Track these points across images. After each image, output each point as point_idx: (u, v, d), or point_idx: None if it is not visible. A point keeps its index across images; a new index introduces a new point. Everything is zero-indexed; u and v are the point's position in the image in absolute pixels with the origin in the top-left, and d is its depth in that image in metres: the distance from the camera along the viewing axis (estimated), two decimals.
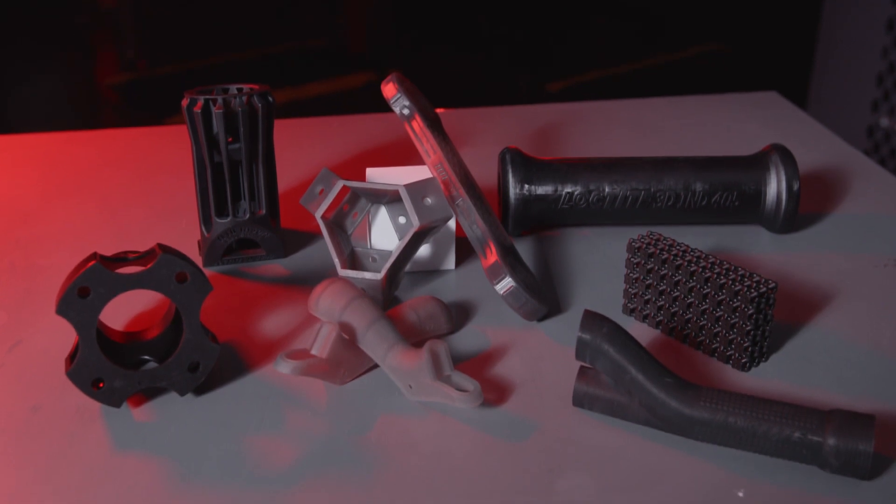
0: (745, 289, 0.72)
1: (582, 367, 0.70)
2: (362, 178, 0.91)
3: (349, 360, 0.72)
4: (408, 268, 0.87)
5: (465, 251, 0.92)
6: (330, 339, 0.69)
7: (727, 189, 0.93)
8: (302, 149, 1.18)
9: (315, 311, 0.73)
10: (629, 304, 0.82)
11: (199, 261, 0.91)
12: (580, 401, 0.69)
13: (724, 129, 1.26)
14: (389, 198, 0.85)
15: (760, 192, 0.93)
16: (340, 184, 0.82)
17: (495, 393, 0.72)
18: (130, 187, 1.09)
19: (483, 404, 0.70)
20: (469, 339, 0.79)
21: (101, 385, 0.68)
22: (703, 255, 0.76)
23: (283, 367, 0.68)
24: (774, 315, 0.75)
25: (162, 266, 0.67)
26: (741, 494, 0.62)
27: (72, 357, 0.69)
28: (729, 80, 2.12)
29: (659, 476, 0.64)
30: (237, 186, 0.90)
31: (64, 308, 0.66)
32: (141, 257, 0.70)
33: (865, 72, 1.99)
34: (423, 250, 0.89)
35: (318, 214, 0.83)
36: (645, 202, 0.93)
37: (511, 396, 0.71)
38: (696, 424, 0.65)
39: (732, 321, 0.73)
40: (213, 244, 0.90)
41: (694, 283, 0.75)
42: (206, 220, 0.90)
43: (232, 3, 2.05)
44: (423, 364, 0.69)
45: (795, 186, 0.92)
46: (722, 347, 0.75)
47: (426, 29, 2.21)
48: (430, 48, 2.21)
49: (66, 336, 0.76)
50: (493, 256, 0.80)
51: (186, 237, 0.96)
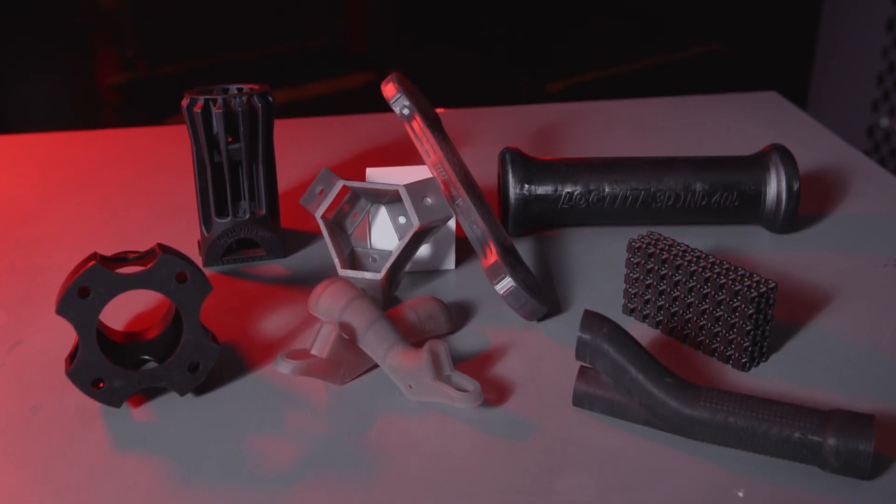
0: (745, 289, 0.72)
1: (582, 367, 0.70)
2: (362, 178, 0.91)
3: (349, 360, 0.72)
4: (408, 268, 0.87)
5: (465, 251, 0.92)
6: (330, 339, 0.69)
7: (727, 189, 0.93)
8: (302, 149, 1.18)
9: (315, 311, 0.73)
10: (629, 304, 0.82)
11: (199, 261, 0.91)
12: (580, 401, 0.69)
13: (724, 129, 1.26)
14: (389, 198, 0.85)
15: (760, 192, 0.93)
16: (340, 184, 0.82)
17: (495, 393, 0.72)
18: (130, 187, 1.09)
19: (483, 404, 0.70)
20: (469, 339, 0.79)
21: (101, 385, 0.68)
22: (703, 255, 0.76)
23: (283, 367, 0.68)
24: (774, 315, 0.75)
25: (162, 266, 0.67)
26: (741, 494, 0.62)
27: (72, 357, 0.69)
28: (729, 80, 2.12)
29: (659, 476, 0.64)
30: (237, 186, 0.90)
31: (64, 308, 0.66)
32: (141, 257, 0.70)
33: (865, 72, 1.99)
34: (423, 250, 0.89)
35: (318, 214, 0.83)
36: (645, 202, 0.93)
37: (511, 396, 0.71)
38: (696, 424, 0.64)
39: (732, 321, 0.73)
40: (213, 244, 0.90)
41: (694, 283, 0.75)
42: (206, 220, 0.90)
43: (232, 3, 2.04)
44: (423, 364, 0.69)
45: (795, 186, 0.92)
46: (722, 347, 0.75)
47: (426, 29, 2.21)
48: (430, 48, 2.21)
49: (66, 336, 0.76)
50: (493, 256, 0.80)
51: (186, 237, 0.96)
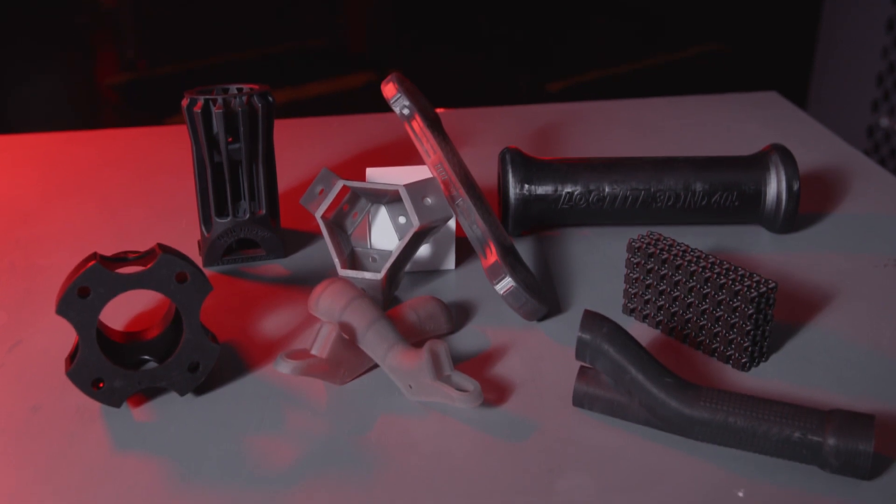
0: (745, 289, 0.72)
1: (582, 367, 0.70)
2: (362, 178, 0.91)
3: (349, 360, 0.72)
4: (408, 268, 0.87)
5: (465, 251, 0.92)
6: (330, 339, 0.69)
7: (727, 189, 0.93)
8: (302, 149, 1.18)
9: (315, 311, 0.73)
10: (629, 304, 0.82)
11: (199, 261, 0.91)
12: (580, 401, 0.69)
13: (724, 129, 1.26)
14: (389, 198, 0.85)
15: (760, 192, 0.93)
16: (340, 184, 0.82)
17: (495, 393, 0.72)
18: (130, 187, 1.09)
19: (483, 404, 0.70)
20: (469, 339, 0.79)
21: (101, 385, 0.68)
22: (703, 255, 0.76)
23: (283, 367, 0.68)
24: (774, 315, 0.75)
25: (162, 266, 0.67)
26: (741, 494, 0.62)
27: (72, 357, 0.69)
28: (729, 80, 2.12)
29: (659, 476, 0.64)
30: (237, 186, 0.90)
31: (64, 308, 0.66)
32: (141, 257, 0.70)
33: (865, 72, 1.99)
34: (423, 250, 0.89)
35: (318, 214, 0.83)
36: (645, 202, 0.93)
37: (511, 396, 0.71)
38: (696, 424, 0.64)
39: (732, 321, 0.73)
40: (213, 244, 0.90)
41: (694, 283, 0.75)
42: (206, 220, 0.90)
43: (232, 3, 2.04)
44: (423, 364, 0.69)
45: (795, 186, 0.92)
46: (722, 347, 0.75)
47: (426, 29, 2.21)
48: (430, 48, 2.21)
49: (66, 336, 0.76)
50: (493, 256, 0.80)
51: (186, 237, 0.96)
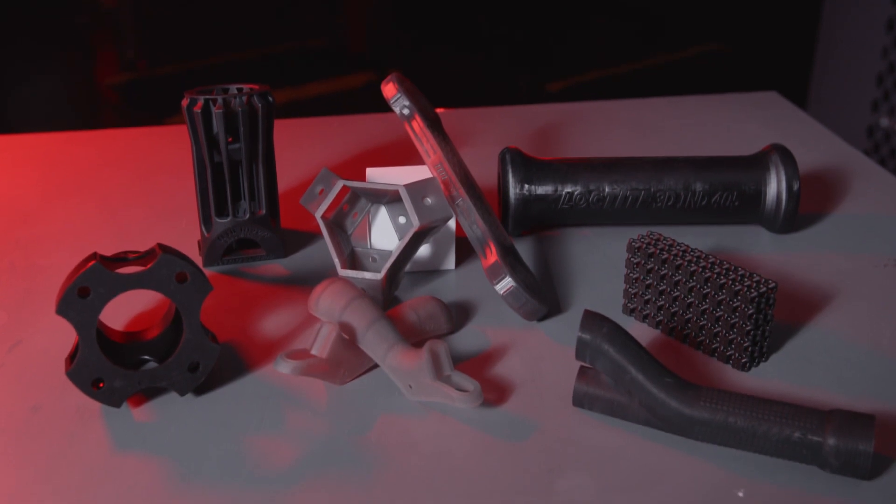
0: (745, 289, 0.72)
1: (582, 367, 0.70)
2: (362, 178, 0.91)
3: (349, 360, 0.72)
4: (408, 268, 0.87)
5: (465, 251, 0.92)
6: (330, 339, 0.69)
7: (727, 189, 0.93)
8: (302, 149, 1.18)
9: (315, 311, 0.73)
10: (629, 304, 0.82)
11: (199, 261, 0.91)
12: (580, 401, 0.69)
13: (724, 129, 1.26)
14: (389, 198, 0.85)
15: (760, 192, 0.93)
16: (340, 184, 0.82)
17: (495, 393, 0.72)
18: (130, 187, 1.09)
19: (483, 404, 0.70)
20: (469, 339, 0.79)
21: (101, 385, 0.68)
22: (703, 255, 0.76)
23: (283, 367, 0.68)
24: (774, 315, 0.75)
25: (162, 266, 0.67)
26: (741, 494, 0.62)
27: (72, 357, 0.69)
28: (729, 80, 2.12)
29: (659, 476, 0.64)
30: (237, 186, 0.90)
31: (64, 308, 0.66)
32: (141, 257, 0.70)
33: (865, 72, 1.99)
34: (423, 250, 0.89)
35: (318, 214, 0.83)
36: (645, 202, 0.93)
37: (511, 396, 0.71)
38: (696, 424, 0.64)
39: (732, 321, 0.73)
40: (213, 244, 0.90)
41: (694, 283, 0.75)
42: (206, 220, 0.90)
43: (232, 3, 2.04)
44: (423, 364, 0.69)
45: (795, 186, 0.92)
46: (722, 347, 0.75)
47: (426, 29, 2.21)
48: (430, 48, 2.21)
49: (66, 336, 0.76)
50: (493, 256, 0.80)
51: (186, 237, 0.96)
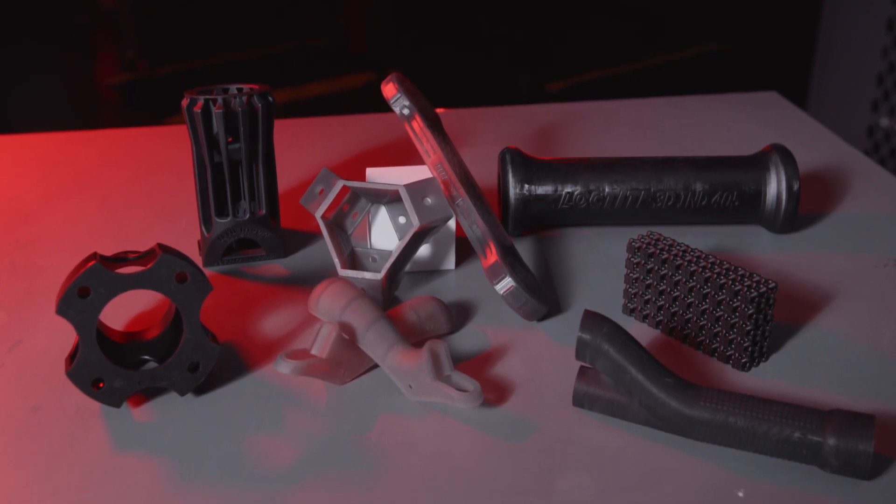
0: (745, 289, 0.72)
1: (582, 367, 0.70)
2: (362, 178, 0.91)
3: (349, 360, 0.72)
4: (408, 268, 0.87)
5: (465, 251, 0.92)
6: (330, 339, 0.69)
7: (727, 189, 0.93)
8: (302, 149, 1.18)
9: (315, 311, 0.73)
10: (629, 304, 0.82)
11: (199, 261, 0.91)
12: (580, 401, 0.69)
13: (724, 129, 1.26)
14: (389, 198, 0.85)
15: (760, 192, 0.93)
16: (340, 184, 0.82)
17: (495, 393, 0.72)
18: (130, 187, 1.09)
19: (483, 404, 0.70)
20: (469, 339, 0.79)
21: (101, 385, 0.68)
22: (703, 255, 0.76)
23: (283, 367, 0.68)
24: (774, 315, 0.75)
25: (162, 266, 0.67)
26: (741, 494, 0.62)
27: (72, 357, 0.69)
28: (729, 80, 2.12)
29: (659, 476, 0.64)
30: (237, 186, 0.90)
31: (64, 308, 0.66)
32: (141, 257, 0.70)
33: (865, 72, 1.99)
34: (423, 250, 0.89)
35: (318, 214, 0.83)
36: (645, 202, 0.93)
37: (511, 396, 0.71)
38: (696, 424, 0.64)
39: (732, 321, 0.73)
40: (213, 244, 0.90)
41: (694, 283, 0.75)
42: (206, 220, 0.90)
43: (232, 3, 2.04)
44: (423, 364, 0.69)
45: (795, 186, 0.92)
46: (722, 347, 0.75)
47: (426, 29, 2.21)
48: (430, 48, 2.21)
49: (66, 336, 0.76)
50: (493, 256, 0.80)
51: (186, 237, 0.96)
